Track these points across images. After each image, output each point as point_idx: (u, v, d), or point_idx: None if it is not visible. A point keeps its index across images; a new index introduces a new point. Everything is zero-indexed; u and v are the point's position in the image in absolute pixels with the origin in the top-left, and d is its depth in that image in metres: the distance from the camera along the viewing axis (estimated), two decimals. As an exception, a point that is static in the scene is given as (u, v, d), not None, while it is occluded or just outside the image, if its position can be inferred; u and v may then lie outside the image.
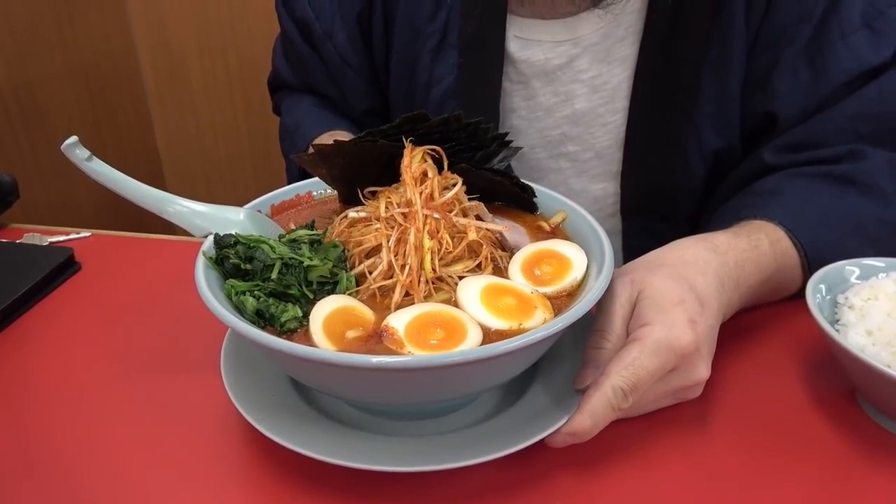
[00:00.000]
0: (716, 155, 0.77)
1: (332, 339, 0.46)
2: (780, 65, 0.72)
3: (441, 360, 0.42)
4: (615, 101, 0.78)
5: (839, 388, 0.59)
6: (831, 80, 0.69)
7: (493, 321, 0.48)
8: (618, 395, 0.49)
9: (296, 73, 0.93)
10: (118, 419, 0.57)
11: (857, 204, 0.66)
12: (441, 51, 0.80)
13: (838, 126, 0.70)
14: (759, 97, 0.73)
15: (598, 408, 0.48)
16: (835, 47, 0.69)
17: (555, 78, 0.79)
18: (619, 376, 0.49)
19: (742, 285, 0.59)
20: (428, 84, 0.82)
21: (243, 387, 0.54)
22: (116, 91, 1.65)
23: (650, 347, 0.49)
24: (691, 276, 0.54)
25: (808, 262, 0.63)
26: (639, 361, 0.49)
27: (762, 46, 0.73)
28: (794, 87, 0.71)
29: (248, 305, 0.48)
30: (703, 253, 0.57)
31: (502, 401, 0.55)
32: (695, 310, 0.52)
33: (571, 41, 0.77)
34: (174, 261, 0.80)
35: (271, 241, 0.52)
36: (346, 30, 0.85)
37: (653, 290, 0.52)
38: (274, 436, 0.49)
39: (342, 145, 0.56)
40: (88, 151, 0.54)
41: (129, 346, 0.66)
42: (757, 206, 0.67)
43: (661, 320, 0.50)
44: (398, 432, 0.52)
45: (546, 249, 0.55)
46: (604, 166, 0.82)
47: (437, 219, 0.52)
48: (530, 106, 0.81)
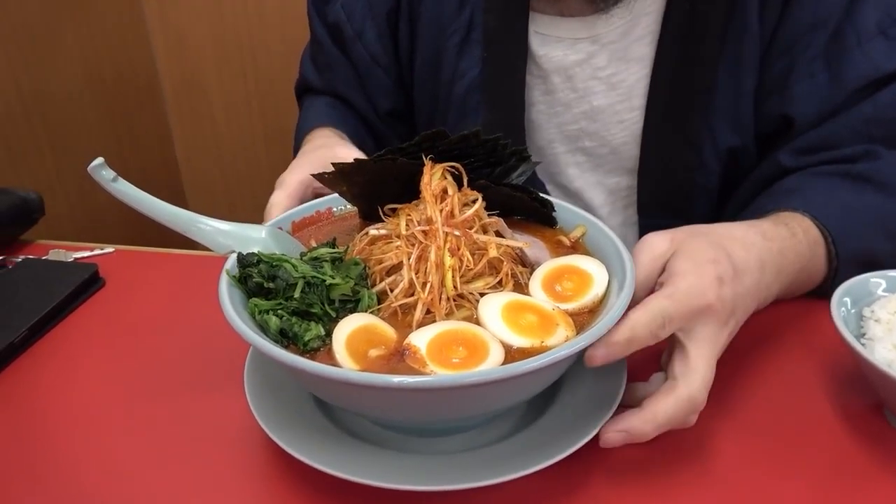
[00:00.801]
0: (731, 153, 0.79)
1: (355, 358, 0.47)
2: (797, 69, 0.73)
3: (464, 380, 0.42)
4: (632, 99, 0.80)
5: (865, 402, 0.58)
6: (847, 86, 0.71)
7: (515, 339, 0.48)
8: (657, 320, 0.48)
9: (322, 77, 0.95)
10: (142, 436, 0.58)
11: (876, 200, 0.68)
12: (465, 46, 0.82)
13: (853, 129, 0.71)
14: (776, 100, 0.75)
15: (638, 324, 0.48)
16: (851, 53, 0.71)
17: (573, 74, 0.80)
18: (644, 310, 0.49)
19: (783, 273, 0.60)
20: (452, 79, 0.84)
21: (267, 404, 0.54)
22: (136, 105, 1.68)
23: (678, 293, 0.49)
24: (733, 248, 0.55)
25: (836, 251, 0.64)
26: (662, 304, 0.49)
27: (778, 50, 0.74)
28: (811, 91, 0.73)
29: (271, 325, 0.48)
30: (750, 235, 0.58)
31: (525, 416, 0.55)
32: (726, 272, 0.52)
33: (590, 39, 0.79)
34: (196, 276, 0.81)
35: (293, 260, 0.52)
36: (376, 28, 0.87)
37: (690, 247, 0.53)
38: (301, 455, 0.49)
39: (362, 163, 0.57)
40: (114, 172, 0.55)
41: (153, 362, 0.67)
42: (781, 201, 0.68)
43: (690, 273, 0.51)
44: (423, 449, 0.52)
45: (566, 265, 0.55)
46: (619, 162, 0.84)
47: (457, 236, 0.52)
48: (549, 101, 0.83)
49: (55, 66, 1.44)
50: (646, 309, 0.49)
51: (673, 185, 0.82)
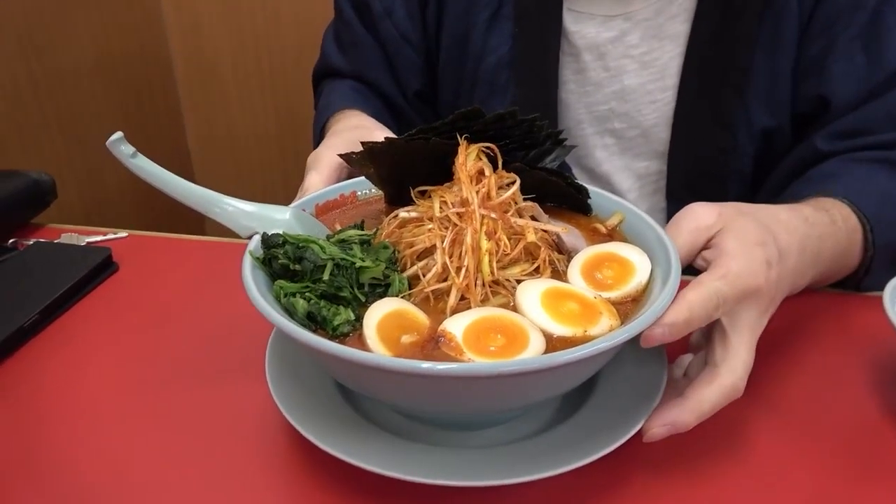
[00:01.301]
0: (765, 135, 0.77)
1: (387, 344, 0.44)
2: (836, 49, 0.72)
3: (509, 368, 0.39)
4: (665, 79, 0.78)
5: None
6: (884, 68, 0.70)
7: (556, 327, 0.45)
8: (712, 300, 0.46)
9: (347, 58, 0.92)
10: (159, 424, 0.56)
11: None
12: (495, 21, 0.80)
13: (891, 113, 0.70)
14: (813, 81, 0.73)
15: (695, 304, 0.45)
16: (889, 35, 0.70)
17: (605, 52, 0.78)
18: (721, 282, 0.47)
19: (820, 260, 0.58)
20: (481, 55, 0.82)
21: (289, 394, 0.52)
22: (149, 91, 1.65)
23: (732, 274, 0.48)
24: (778, 231, 0.53)
25: (873, 239, 0.63)
26: (731, 275, 0.47)
27: (816, 30, 0.72)
28: (849, 72, 0.71)
29: (298, 308, 0.46)
30: (794, 219, 0.57)
31: (560, 411, 0.52)
32: (773, 255, 0.50)
33: (623, 16, 0.77)
34: (212, 261, 0.79)
35: (321, 241, 0.50)
36: (405, 6, 0.85)
37: (738, 225, 0.51)
38: (326, 446, 0.47)
39: (393, 142, 0.54)
40: (133, 148, 0.53)
41: (169, 348, 0.64)
42: (819, 187, 0.66)
43: (741, 254, 0.49)
44: (452, 443, 0.49)
45: (606, 252, 0.53)
46: (649, 145, 0.82)
47: (494, 219, 0.49)
48: (579, 80, 0.81)
49: (66, 50, 1.42)
50: (701, 289, 0.46)
51: (704, 168, 0.79)
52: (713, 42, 0.74)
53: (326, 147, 0.69)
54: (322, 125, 0.88)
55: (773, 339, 0.61)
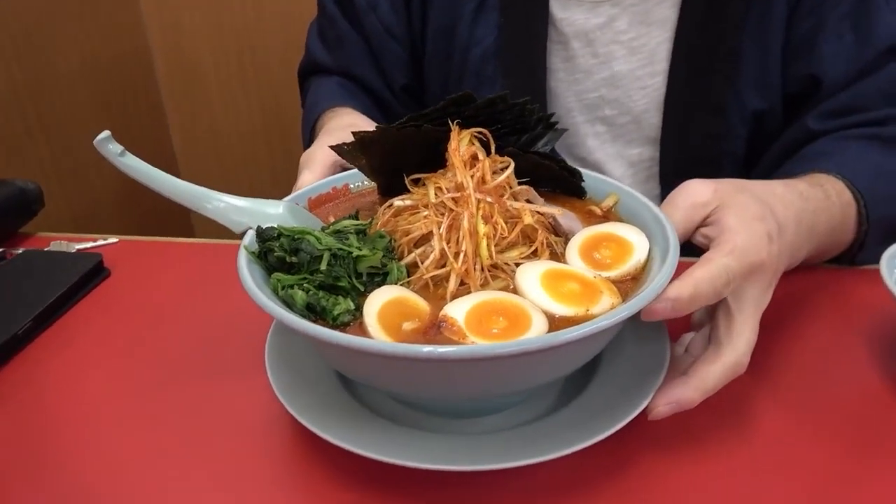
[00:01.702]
0: (757, 117, 0.77)
1: (389, 332, 0.44)
2: (825, 28, 0.72)
3: (513, 349, 0.39)
4: (654, 64, 0.78)
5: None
6: (874, 46, 0.70)
7: (558, 307, 0.45)
8: (721, 277, 0.46)
9: (332, 54, 0.91)
10: (159, 425, 0.55)
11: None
12: (481, 12, 0.80)
13: (881, 91, 0.70)
14: (804, 61, 0.73)
15: (702, 281, 0.45)
16: (879, 13, 0.70)
17: (594, 39, 0.78)
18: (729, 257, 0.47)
19: (814, 233, 0.58)
20: (467, 46, 0.81)
21: (291, 388, 0.51)
22: (132, 93, 1.63)
23: (738, 250, 0.48)
24: (774, 204, 0.54)
25: (867, 214, 0.63)
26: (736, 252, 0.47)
27: (806, 10, 0.73)
28: (839, 51, 0.71)
29: (297, 299, 0.45)
30: (788, 194, 0.57)
31: (559, 398, 0.52)
32: (773, 229, 0.51)
33: (611, 2, 0.77)
34: (204, 263, 0.78)
35: (316, 233, 0.49)
36: (389, 0, 0.85)
37: (735, 202, 0.51)
38: (333, 438, 0.46)
39: (385, 131, 0.54)
40: (121, 146, 0.52)
41: (166, 350, 0.64)
42: (812, 165, 0.67)
43: (743, 229, 0.49)
44: (455, 430, 0.49)
45: (604, 233, 0.52)
46: (640, 131, 0.82)
47: (490, 203, 0.49)
48: (569, 68, 0.80)
49: (49, 55, 1.40)
50: (710, 265, 0.46)
51: (697, 153, 0.79)
52: (701, 26, 0.74)
53: (319, 146, 0.68)
54: (312, 124, 0.87)
55: (772, 315, 0.60)
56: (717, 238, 0.49)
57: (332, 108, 0.86)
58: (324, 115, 0.85)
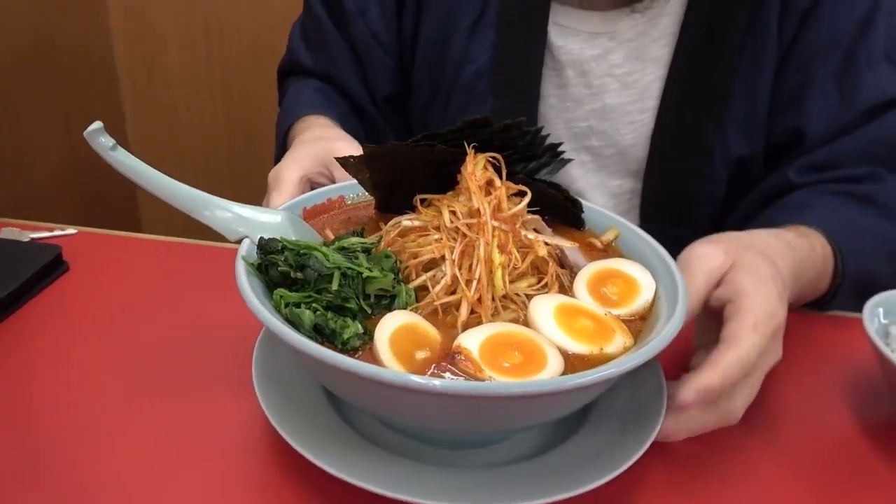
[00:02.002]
0: (740, 162, 0.79)
1: (402, 360, 0.42)
2: (812, 85, 0.74)
3: (541, 388, 0.38)
4: (645, 100, 0.79)
5: (888, 417, 0.58)
6: (857, 106, 0.73)
7: (572, 344, 0.44)
8: (751, 357, 0.47)
9: (315, 57, 0.88)
10: (126, 445, 0.51)
11: (880, 222, 0.70)
12: (477, 28, 0.79)
13: (859, 150, 0.73)
14: (790, 113, 0.76)
15: (731, 366, 0.46)
16: (862, 75, 0.73)
17: (588, 70, 0.79)
18: (749, 341, 0.47)
19: (798, 284, 0.60)
20: (461, 61, 0.80)
21: (279, 405, 0.49)
22: (88, 82, 1.54)
23: (761, 318, 0.48)
24: (777, 260, 0.55)
25: (843, 268, 0.66)
26: (759, 328, 0.48)
27: (794, 65, 0.75)
28: (823, 110, 0.74)
29: (305, 319, 0.43)
30: (781, 245, 0.59)
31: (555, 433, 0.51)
32: (781, 288, 0.52)
33: (608, 35, 0.78)
34: (174, 261, 0.74)
35: (323, 249, 0.47)
36: (380, 5, 0.83)
37: (748, 262, 0.52)
38: (320, 461, 0.44)
39: (398, 147, 0.52)
40: (113, 140, 0.48)
41: (132, 356, 0.59)
42: (795, 215, 0.69)
43: (759, 292, 0.50)
44: (448, 461, 0.48)
45: (610, 269, 0.52)
46: (624, 164, 0.83)
47: (505, 231, 0.48)
48: (561, 95, 0.81)
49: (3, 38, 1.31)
50: (738, 347, 0.47)
51: (678, 190, 0.81)
52: (694, 67, 0.76)
53: (286, 165, 0.65)
54: (286, 130, 0.84)
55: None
56: (733, 301, 0.50)
57: (308, 115, 0.83)
58: (297, 124, 0.82)
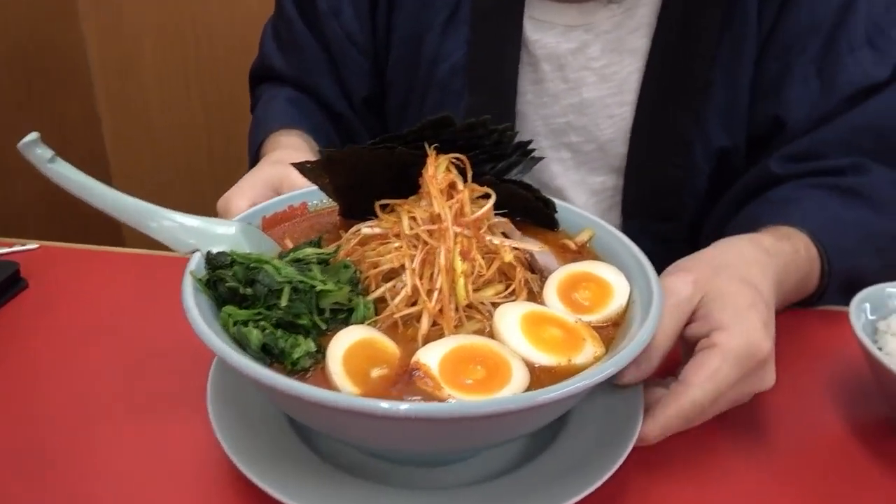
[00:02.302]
0: (722, 154, 0.77)
1: (355, 380, 0.39)
2: (791, 73, 0.72)
3: (496, 408, 0.35)
4: (623, 93, 0.77)
5: (878, 417, 0.56)
6: (837, 93, 0.71)
7: (539, 356, 0.42)
8: (696, 409, 0.46)
9: (287, 60, 0.85)
10: (79, 470, 0.48)
11: (865, 216, 0.68)
12: (451, 25, 0.77)
13: (842, 138, 0.71)
14: (770, 102, 0.74)
15: (672, 420, 0.46)
16: (843, 61, 0.71)
17: (565, 64, 0.77)
18: (702, 389, 0.46)
19: (782, 289, 0.58)
20: (434, 60, 0.78)
21: (235, 431, 0.46)
22: (61, 84, 1.51)
23: (733, 355, 0.47)
24: (756, 278, 0.53)
25: (830, 269, 0.64)
26: (721, 373, 0.46)
27: (774, 52, 0.73)
28: (803, 96, 0.72)
29: (252, 339, 0.40)
30: (759, 254, 0.56)
31: (529, 447, 0.48)
32: (765, 313, 0.50)
33: (584, 27, 0.76)
34: (137, 276, 0.71)
35: (275, 262, 0.44)
36: (353, 5, 0.81)
37: (722, 291, 0.50)
38: (278, 493, 0.41)
39: (356, 151, 0.50)
40: (52, 151, 0.46)
41: (89, 377, 0.57)
42: (777, 213, 0.67)
43: (737, 325, 0.48)
44: (419, 482, 0.45)
45: (582, 272, 0.50)
46: (605, 159, 0.80)
47: (468, 237, 0.46)
48: (537, 91, 0.78)
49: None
50: (684, 399, 0.46)
51: (660, 185, 0.79)
52: (672, 58, 0.74)
53: (234, 195, 0.61)
54: (257, 146, 0.81)
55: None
56: (708, 337, 0.48)
57: (280, 129, 0.80)
58: (268, 140, 0.79)
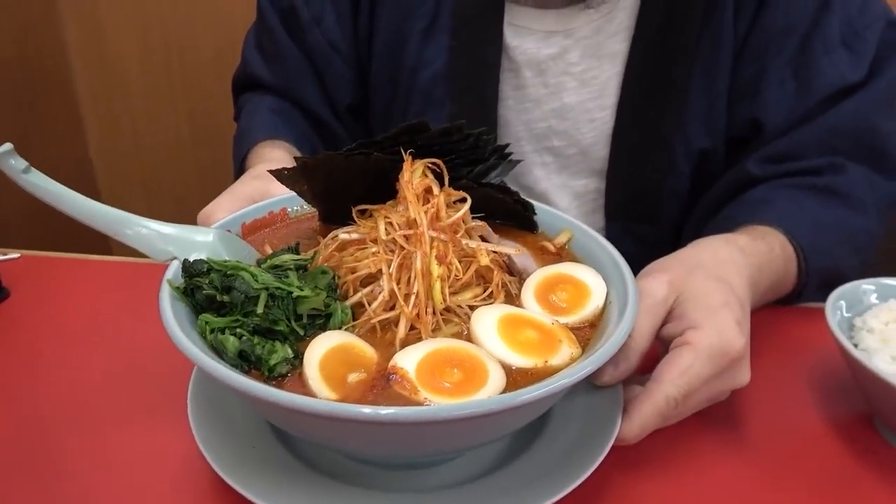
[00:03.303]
0: (702, 156, 0.78)
1: (332, 385, 0.40)
2: (768, 75, 0.73)
3: (470, 411, 0.36)
4: (604, 97, 0.77)
5: (855, 413, 0.56)
6: (814, 94, 0.72)
7: (515, 358, 0.42)
8: (670, 405, 0.47)
9: (270, 68, 0.85)
10: (61, 477, 0.48)
11: (843, 214, 0.69)
12: (431, 32, 0.77)
13: (818, 139, 0.72)
14: (747, 104, 0.75)
15: (649, 418, 0.47)
16: (818, 62, 0.72)
17: (545, 69, 0.77)
18: (674, 385, 0.47)
19: (757, 288, 0.59)
20: (416, 67, 0.78)
21: (215, 436, 0.46)
22: (45, 93, 1.50)
23: (705, 353, 0.48)
24: (730, 277, 0.53)
25: (807, 268, 0.64)
26: (693, 369, 0.47)
27: (750, 54, 0.74)
28: (780, 98, 0.73)
29: (229, 347, 0.40)
30: (734, 254, 0.57)
31: (511, 447, 0.49)
32: (739, 311, 0.50)
33: (564, 33, 0.76)
34: (120, 285, 0.71)
35: (252, 269, 0.45)
36: (335, 13, 0.81)
37: (696, 291, 0.51)
38: (257, 497, 0.41)
39: (331, 158, 0.50)
40: (26, 162, 0.46)
41: (71, 385, 0.57)
42: (754, 213, 0.67)
43: (710, 323, 0.48)
44: (400, 485, 0.45)
45: (560, 274, 0.50)
46: (587, 163, 0.81)
47: (444, 241, 0.46)
48: (518, 96, 0.79)
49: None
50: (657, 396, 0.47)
51: (642, 187, 0.79)
52: (651, 62, 0.74)
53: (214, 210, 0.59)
54: (242, 157, 0.81)
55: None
56: (681, 336, 0.48)
57: (264, 141, 0.79)
58: (252, 152, 0.79)
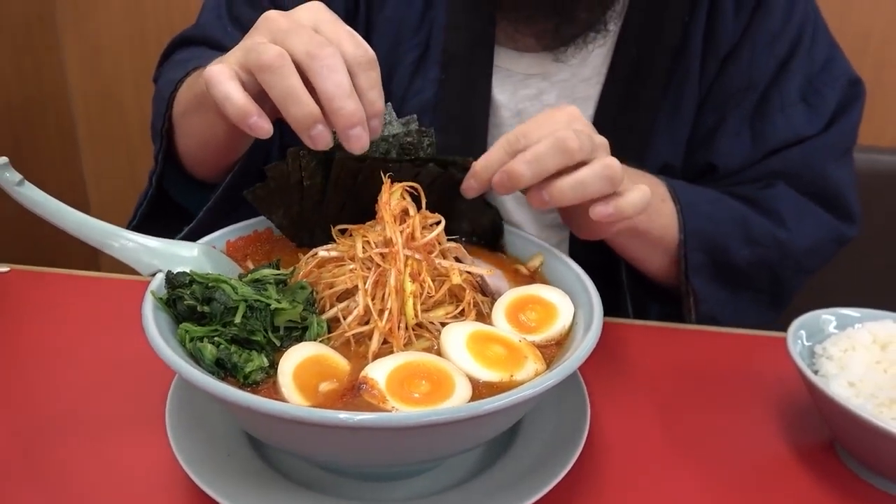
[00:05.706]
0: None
1: (304, 393, 0.41)
2: (726, 126, 0.78)
3: (433, 418, 0.37)
4: None
5: (817, 439, 0.58)
6: (766, 145, 0.78)
7: (482, 372, 0.44)
8: (510, 140, 0.52)
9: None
10: (40, 489, 0.49)
11: (742, 209, 0.74)
12: (422, 64, 0.80)
13: (758, 175, 0.78)
14: (703, 152, 0.80)
15: (493, 150, 0.53)
16: (774, 117, 0.77)
17: (523, 109, 0.81)
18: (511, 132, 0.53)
19: (645, 178, 0.66)
20: (404, 96, 0.81)
21: (193, 447, 0.47)
22: (41, 117, 1.53)
23: (532, 119, 0.54)
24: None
25: (684, 220, 0.71)
26: (524, 125, 0.53)
27: (711, 105, 0.79)
28: (734, 148, 0.78)
29: (206, 354, 0.42)
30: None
31: (482, 458, 0.50)
32: (581, 118, 0.56)
33: (541, 76, 0.80)
34: (104, 300, 0.72)
35: (232, 281, 0.46)
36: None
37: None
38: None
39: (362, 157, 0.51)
40: (20, 175, 0.48)
41: (53, 396, 0.58)
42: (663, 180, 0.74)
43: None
44: (373, 496, 0.47)
45: (530, 295, 0.52)
46: None
47: (418, 260, 0.48)
48: (496, 134, 0.82)
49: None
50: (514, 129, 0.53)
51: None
52: (619, 106, 0.78)
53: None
54: (179, 79, 0.72)
55: (682, 382, 0.63)
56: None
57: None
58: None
